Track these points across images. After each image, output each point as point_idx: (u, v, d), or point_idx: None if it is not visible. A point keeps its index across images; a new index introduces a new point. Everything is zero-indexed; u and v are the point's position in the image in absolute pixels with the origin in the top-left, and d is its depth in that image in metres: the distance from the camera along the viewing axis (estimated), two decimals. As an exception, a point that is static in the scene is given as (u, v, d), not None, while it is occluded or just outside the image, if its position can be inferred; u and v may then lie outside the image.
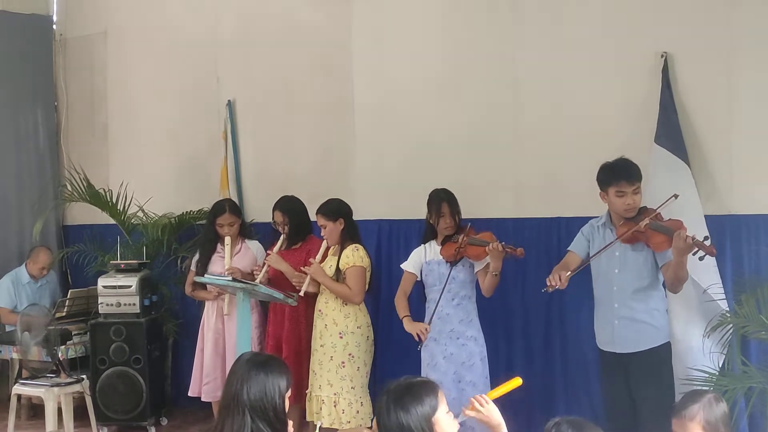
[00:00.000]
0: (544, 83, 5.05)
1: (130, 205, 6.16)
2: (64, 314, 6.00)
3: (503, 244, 4.11)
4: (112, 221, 6.26)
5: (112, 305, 5.61)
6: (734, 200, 4.50)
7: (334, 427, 4.47)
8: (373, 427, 2.60)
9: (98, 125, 6.92)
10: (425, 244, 4.53)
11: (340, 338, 4.54)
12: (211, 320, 5.24)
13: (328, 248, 4.74)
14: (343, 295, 4.55)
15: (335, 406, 4.50)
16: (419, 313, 4.50)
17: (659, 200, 3.89)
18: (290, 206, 4.98)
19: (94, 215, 6.48)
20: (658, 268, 3.82)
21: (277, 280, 4.91)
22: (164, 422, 5.88)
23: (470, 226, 4.32)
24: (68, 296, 6.16)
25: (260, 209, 5.81)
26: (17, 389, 5.43)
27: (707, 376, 3.99)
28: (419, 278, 4.53)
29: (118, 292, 5.61)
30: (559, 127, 5.00)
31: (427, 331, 4.27)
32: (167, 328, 6.07)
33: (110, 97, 6.85)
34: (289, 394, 2.65)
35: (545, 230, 4.98)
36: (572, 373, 4.91)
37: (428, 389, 2.47)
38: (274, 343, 4.90)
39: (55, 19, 7.15)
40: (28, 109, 6.91)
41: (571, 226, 4.58)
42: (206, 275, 5.03)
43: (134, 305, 5.60)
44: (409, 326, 4.38)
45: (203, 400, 5.25)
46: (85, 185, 6.18)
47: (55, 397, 5.21)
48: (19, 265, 6.41)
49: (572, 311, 4.81)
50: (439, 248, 4.45)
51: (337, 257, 4.65)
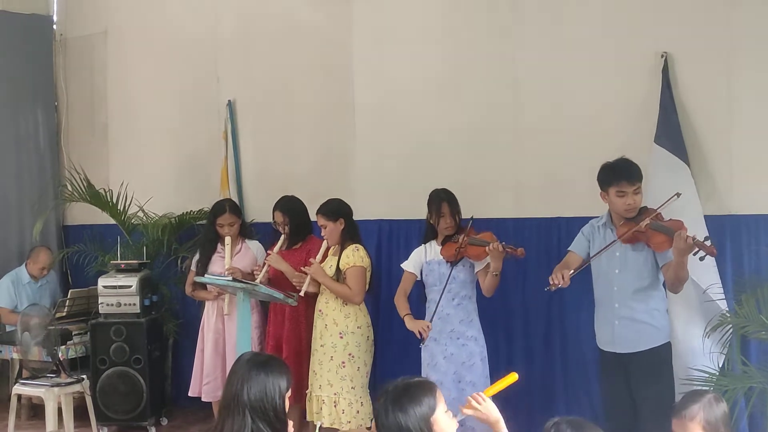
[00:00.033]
0: (544, 83, 5.06)
1: (130, 205, 6.16)
2: (64, 314, 6.00)
3: (503, 244, 4.10)
4: (112, 221, 6.26)
5: (112, 305, 5.61)
6: (734, 200, 4.50)
7: (334, 427, 4.47)
8: (372, 427, 2.60)
9: (98, 125, 6.92)
10: (425, 244, 4.53)
11: (340, 338, 4.54)
12: (211, 320, 5.25)
13: (328, 248, 4.74)
14: (343, 295, 4.55)
15: (335, 406, 4.50)
16: (419, 313, 4.49)
17: (659, 200, 3.89)
18: (290, 206, 4.98)
19: (94, 215, 6.48)
20: (658, 268, 3.82)
21: (277, 280, 4.91)
22: (164, 422, 5.88)
23: (471, 226, 4.32)
24: (68, 296, 6.16)
25: (260, 209, 5.81)
26: (17, 389, 5.43)
27: (707, 376, 3.99)
28: (419, 278, 4.53)
29: (118, 292, 5.61)
30: (559, 127, 5.00)
31: (429, 328, 4.27)
32: (167, 328, 6.07)
33: (110, 97, 6.85)
34: (289, 394, 2.65)
35: (545, 230, 4.98)
36: (572, 373, 4.91)
37: (426, 389, 2.46)
38: (274, 343, 4.90)
39: (55, 19, 7.14)
40: (28, 109, 6.91)
41: (571, 226, 4.58)
42: (206, 275, 5.03)
43: (134, 305, 5.61)
44: (410, 324, 4.37)
45: (203, 400, 5.25)
46: (85, 185, 6.18)
47: (55, 397, 5.20)
48: (19, 265, 6.41)
49: (572, 311, 4.81)
50: (439, 248, 4.45)
51: (337, 257, 4.65)
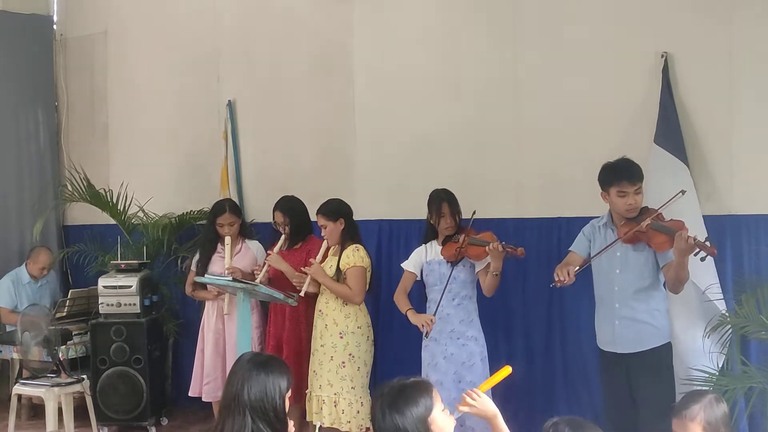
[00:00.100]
0: (544, 83, 5.06)
1: (130, 205, 6.16)
2: (64, 314, 6.00)
3: (503, 244, 4.10)
4: (112, 221, 6.26)
5: (112, 305, 5.61)
6: (734, 200, 4.50)
7: (334, 427, 4.47)
8: (372, 429, 2.60)
9: (98, 125, 6.92)
10: (426, 244, 4.53)
11: (340, 338, 4.54)
12: (211, 320, 5.24)
13: (328, 248, 4.74)
14: (343, 295, 4.55)
15: (335, 406, 4.49)
16: (419, 313, 4.50)
17: (658, 200, 3.89)
18: (291, 206, 4.98)
19: (94, 215, 6.48)
20: (659, 268, 3.82)
21: (277, 280, 4.90)
22: (165, 422, 5.88)
23: (471, 226, 4.31)
24: (69, 296, 6.16)
25: (260, 209, 5.81)
26: (18, 389, 5.43)
27: (707, 376, 3.99)
28: (419, 278, 4.53)
29: (118, 292, 5.61)
30: (559, 127, 5.00)
31: (432, 322, 4.26)
32: (168, 328, 6.07)
33: (110, 97, 6.86)
34: (289, 394, 2.65)
35: (546, 230, 4.98)
36: (572, 373, 4.91)
37: (422, 389, 2.44)
38: (275, 343, 4.90)
39: (55, 19, 7.14)
40: (28, 109, 6.91)
41: (571, 226, 4.59)
42: (206, 275, 5.02)
43: (134, 305, 5.61)
44: (414, 318, 4.37)
45: (204, 400, 5.25)
46: (85, 185, 6.17)
47: (55, 397, 5.20)
48: (19, 265, 6.41)
49: (573, 311, 4.82)
50: (439, 248, 4.45)
51: (337, 257, 4.64)
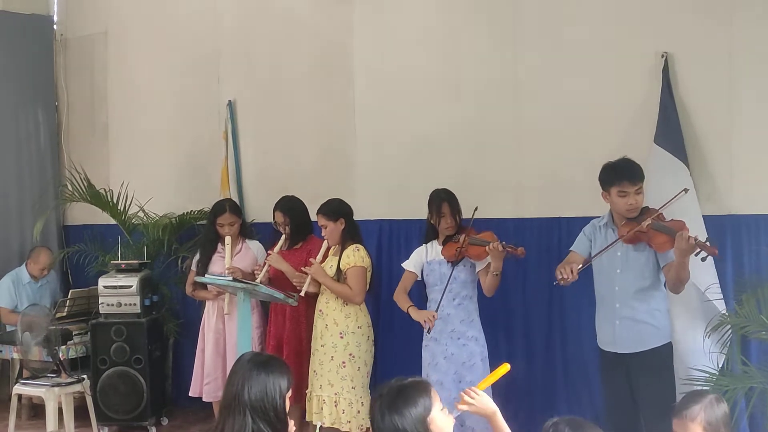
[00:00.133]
0: (544, 83, 5.06)
1: (130, 205, 6.16)
2: (64, 314, 6.00)
3: (504, 243, 4.10)
4: (112, 221, 6.26)
5: (112, 305, 5.61)
6: (735, 200, 4.50)
7: (335, 427, 4.47)
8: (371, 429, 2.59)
9: (99, 125, 6.92)
10: (427, 243, 4.53)
11: (340, 338, 4.54)
12: (211, 320, 5.24)
13: (328, 248, 4.74)
14: (343, 295, 4.55)
15: (336, 405, 4.50)
16: (420, 312, 4.51)
17: (658, 200, 3.89)
18: (291, 206, 4.98)
19: (94, 215, 6.48)
20: (659, 268, 3.81)
21: (277, 280, 4.90)
22: (165, 422, 5.88)
23: (471, 226, 4.31)
24: (69, 296, 6.16)
25: (261, 209, 5.81)
26: (18, 389, 5.43)
27: (708, 376, 3.98)
28: (420, 278, 4.53)
29: (118, 292, 5.61)
30: (559, 127, 5.00)
31: (434, 318, 4.25)
32: (168, 328, 6.07)
33: (111, 97, 6.86)
34: (289, 394, 2.65)
35: (546, 230, 4.98)
36: (573, 372, 4.91)
37: (420, 390, 2.43)
38: (275, 343, 4.90)
39: (55, 19, 7.14)
40: (28, 109, 6.91)
41: (571, 226, 4.59)
42: (207, 275, 5.02)
43: (135, 305, 5.61)
44: (416, 314, 4.36)
45: (204, 400, 5.25)
46: (85, 185, 6.18)
47: (55, 397, 5.20)
48: (19, 264, 6.41)
49: (573, 311, 4.82)
50: (440, 248, 4.45)
51: (337, 257, 4.64)
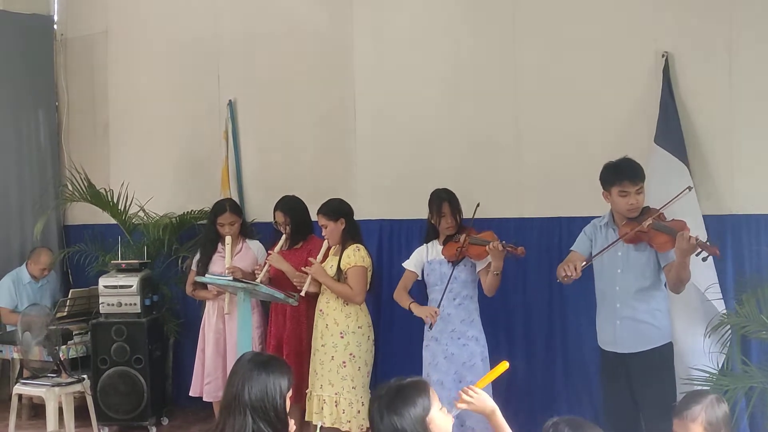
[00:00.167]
0: (544, 83, 5.05)
1: (131, 205, 6.17)
2: (65, 314, 5.99)
3: (504, 243, 4.10)
4: (113, 221, 6.27)
5: (113, 305, 5.62)
6: (735, 200, 4.50)
7: (335, 426, 4.47)
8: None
9: (99, 125, 6.93)
10: (427, 243, 4.53)
11: (341, 338, 4.54)
12: (212, 320, 5.24)
13: (329, 248, 4.74)
14: (344, 295, 4.55)
15: (336, 405, 4.50)
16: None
17: (658, 200, 3.89)
18: (291, 206, 4.98)
19: (95, 215, 6.49)
20: (660, 268, 3.81)
21: (278, 279, 4.90)
22: (165, 422, 5.88)
23: (472, 225, 4.31)
24: (69, 296, 6.15)
25: (261, 209, 5.81)
26: (18, 389, 5.43)
27: (708, 375, 3.98)
28: (420, 277, 4.53)
29: (119, 291, 5.62)
30: (559, 127, 5.00)
31: (436, 314, 4.25)
32: (168, 327, 6.07)
33: (111, 96, 6.86)
34: (290, 394, 2.65)
35: (546, 230, 4.98)
36: (573, 372, 4.91)
37: (419, 390, 2.42)
38: (276, 343, 4.90)
39: (56, 18, 7.15)
40: (29, 109, 6.91)
41: (572, 226, 4.59)
42: (207, 275, 5.02)
43: (135, 305, 5.61)
44: (418, 310, 4.36)
45: (204, 400, 5.25)
46: (86, 185, 6.18)
47: (56, 396, 5.20)
48: (20, 264, 6.42)
49: (573, 311, 4.82)
50: (440, 248, 4.45)
51: (338, 257, 4.64)
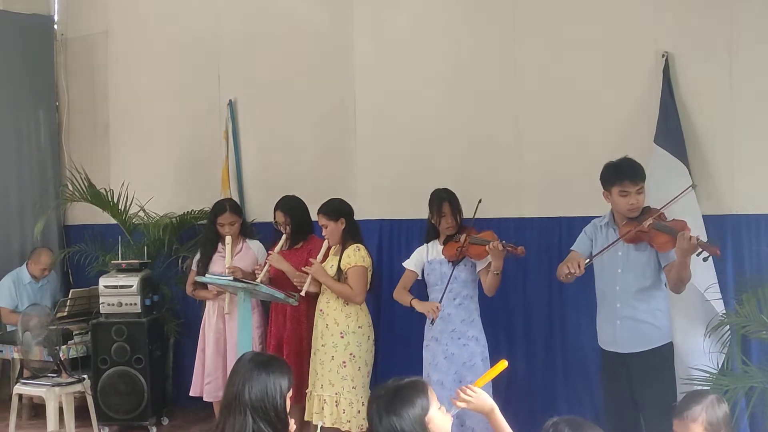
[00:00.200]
0: (544, 83, 5.05)
1: (131, 204, 6.17)
2: (65, 314, 6.00)
3: (504, 242, 4.10)
4: (113, 221, 6.27)
5: (113, 305, 5.62)
6: (735, 200, 4.50)
7: (335, 426, 4.47)
8: None
9: (99, 125, 6.93)
10: (428, 243, 4.53)
11: (341, 338, 4.54)
12: (212, 320, 5.24)
13: (329, 248, 4.74)
14: (344, 294, 4.55)
15: (337, 405, 4.50)
16: (421, 314, 4.49)
17: (657, 200, 3.88)
18: (291, 206, 4.98)
19: (95, 215, 6.49)
20: (660, 268, 3.80)
21: (278, 279, 4.90)
22: (165, 422, 5.89)
23: (472, 225, 4.31)
24: (69, 296, 6.16)
25: (261, 209, 5.81)
26: (18, 389, 5.42)
27: (708, 375, 3.98)
28: (420, 277, 4.53)
29: (119, 291, 5.62)
30: (559, 126, 5.00)
31: (438, 309, 4.25)
32: (168, 327, 6.07)
33: (111, 96, 6.86)
34: (290, 394, 2.65)
35: (546, 230, 4.98)
36: (574, 372, 4.91)
37: (417, 390, 2.42)
38: (276, 343, 4.90)
39: (56, 18, 7.15)
40: (29, 109, 6.91)
41: (572, 225, 4.59)
42: (207, 275, 5.02)
43: (135, 305, 5.61)
44: (419, 306, 4.37)
45: (205, 399, 5.25)
46: (86, 185, 6.18)
47: (56, 396, 5.19)
48: (20, 264, 6.42)
49: (574, 311, 4.82)
50: (441, 248, 4.45)
51: (338, 257, 4.64)
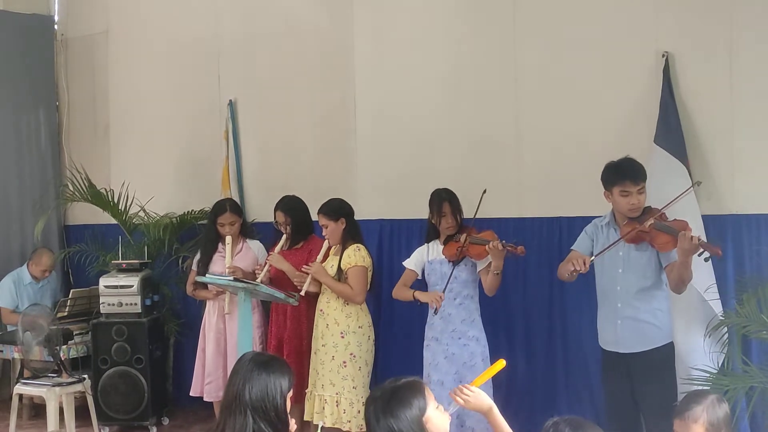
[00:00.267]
0: (544, 83, 5.05)
1: (131, 204, 6.17)
2: (65, 314, 6.00)
3: (503, 242, 4.10)
4: (113, 221, 6.27)
5: (113, 305, 5.62)
6: (735, 200, 4.49)
7: (336, 426, 4.47)
8: None
9: (100, 125, 6.93)
10: (428, 243, 4.53)
11: (341, 338, 4.54)
12: (212, 320, 5.24)
13: (329, 248, 4.74)
14: (344, 294, 4.55)
15: (337, 405, 4.50)
16: (421, 314, 4.50)
17: (657, 200, 3.88)
18: (292, 206, 4.98)
19: (95, 215, 6.49)
20: (661, 268, 3.80)
21: (278, 279, 4.90)
22: (166, 422, 5.89)
23: (473, 225, 4.31)
24: (70, 296, 6.16)
25: (261, 209, 5.82)
26: (19, 389, 5.42)
27: (708, 375, 3.98)
28: (420, 277, 4.53)
29: (119, 291, 5.62)
30: (559, 126, 5.00)
31: (441, 298, 4.25)
32: (169, 327, 6.07)
33: (112, 96, 6.86)
34: (290, 394, 2.65)
35: (547, 230, 4.98)
36: (574, 372, 4.90)
37: (414, 390, 2.41)
38: (276, 342, 4.90)
39: (56, 18, 7.15)
40: (29, 109, 6.91)
41: (572, 225, 4.60)
42: (207, 275, 5.01)
43: (136, 305, 5.62)
44: (422, 296, 4.37)
45: (205, 399, 5.25)
46: (86, 185, 6.18)
47: (56, 396, 5.19)
48: (20, 265, 6.42)
49: (574, 310, 4.82)
50: (441, 247, 4.45)
51: (338, 257, 4.64)
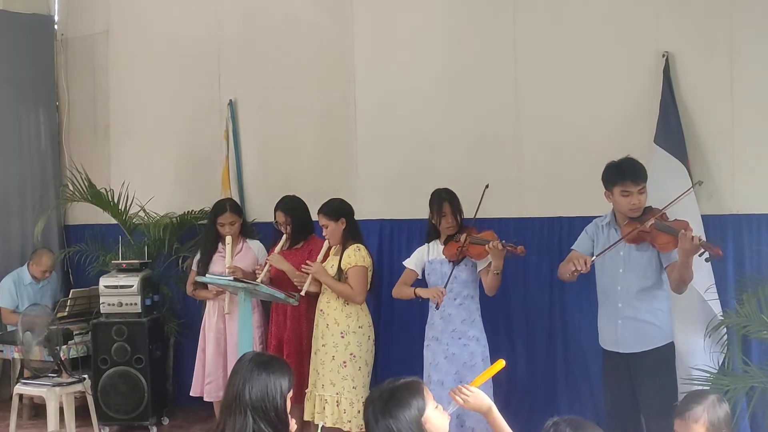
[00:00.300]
0: (544, 83, 5.05)
1: (131, 204, 6.17)
2: (65, 314, 5.99)
3: (503, 242, 4.09)
4: (113, 221, 6.28)
5: (113, 305, 5.62)
6: (736, 200, 4.49)
7: (336, 426, 4.47)
8: None
9: (100, 125, 6.93)
10: (429, 243, 4.53)
11: (341, 338, 4.54)
12: (212, 320, 5.24)
13: (329, 248, 4.74)
14: (344, 294, 4.55)
15: (338, 405, 4.50)
16: (421, 313, 4.51)
17: (657, 200, 3.88)
18: (292, 206, 4.98)
19: (95, 215, 6.49)
20: (662, 268, 3.80)
21: (278, 279, 4.90)
22: (166, 422, 5.89)
23: (473, 225, 4.31)
24: (70, 296, 6.15)
25: (261, 209, 5.82)
26: (19, 389, 5.42)
27: (708, 375, 3.98)
28: (420, 276, 4.53)
29: (119, 291, 5.62)
30: (559, 126, 5.00)
31: (443, 293, 4.24)
32: (169, 327, 6.07)
33: (112, 96, 6.86)
34: (291, 394, 2.65)
35: (547, 230, 4.98)
36: (574, 372, 4.91)
37: (412, 391, 2.41)
38: (276, 343, 4.90)
39: (56, 18, 7.15)
40: (29, 109, 6.91)
41: (572, 225, 4.60)
42: (207, 275, 5.01)
43: (136, 305, 5.62)
44: (424, 292, 4.37)
45: (205, 399, 5.25)
46: (86, 185, 6.18)
47: (56, 396, 5.19)
48: (21, 265, 6.41)
49: (575, 310, 4.82)
50: (441, 247, 4.45)
51: (338, 257, 4.64)
